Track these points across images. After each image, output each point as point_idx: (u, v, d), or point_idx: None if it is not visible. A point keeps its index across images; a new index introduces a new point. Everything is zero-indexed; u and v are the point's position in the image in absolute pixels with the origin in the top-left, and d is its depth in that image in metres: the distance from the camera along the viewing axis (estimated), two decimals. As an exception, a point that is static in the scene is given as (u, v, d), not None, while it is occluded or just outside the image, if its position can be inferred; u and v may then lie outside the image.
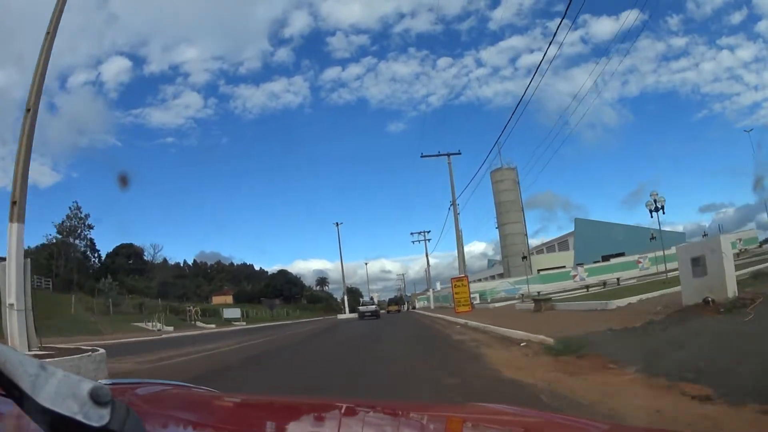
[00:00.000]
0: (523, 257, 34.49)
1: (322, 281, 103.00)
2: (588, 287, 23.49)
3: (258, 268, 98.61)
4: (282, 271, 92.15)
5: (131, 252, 75.34)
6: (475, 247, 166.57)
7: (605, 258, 46.37)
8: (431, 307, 52.82)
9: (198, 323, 38.89)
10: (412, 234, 56.64)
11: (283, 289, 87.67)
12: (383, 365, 7.84)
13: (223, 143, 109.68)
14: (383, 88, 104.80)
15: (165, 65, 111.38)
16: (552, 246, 59.37)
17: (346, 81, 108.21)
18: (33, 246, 57.59)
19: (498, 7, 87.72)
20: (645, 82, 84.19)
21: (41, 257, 57.52)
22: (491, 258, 77.98)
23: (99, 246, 68.84)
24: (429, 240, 55.81)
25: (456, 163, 26.51)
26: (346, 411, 1.29)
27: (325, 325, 30.28)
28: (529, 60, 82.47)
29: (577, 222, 51.78)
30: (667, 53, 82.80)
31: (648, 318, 9.00)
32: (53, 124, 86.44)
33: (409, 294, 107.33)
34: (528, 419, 1.20)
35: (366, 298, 69.52)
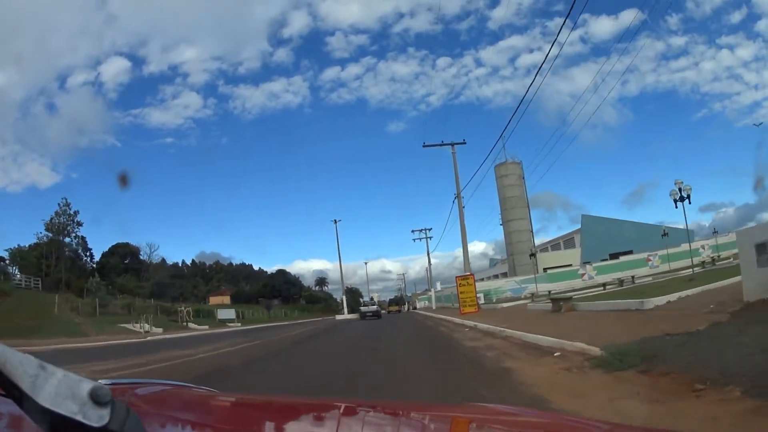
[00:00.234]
0: (531, 254, 32.79)
1: (321, 281, 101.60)
2: (605, 285, 21.95)
3: (257, 268, 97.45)
4: (281, 271, 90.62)
5: (127, 251, 73.90)
6: (476, 247, 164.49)
7: (613, 256, 44.61)
8: (433, 308, 51.17)
9: (190, 325, 37.17)
10: (413, 231, 55.03)
11: (282, 290, 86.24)
12: (380, 391, 5.66)
13: (223, 143, 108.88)
14: (383, 87, 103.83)
15: (164, 65, 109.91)
16: (557, 244, 57.54)
17: (345, 81, 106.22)
18: (27, 246, 56.79)
19: (497, 7, 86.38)
20: (645, 81, 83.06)
21: (32, 256, 56.15)
22: (493, 257, 76.31)
23: (99, 246, 68.10)
24: (431, 238, 54.27)
25: (458, 158, 25.03)
26: (346, 411, 1.29)
27: (322, 327, 28.75)
28: (529, 59, 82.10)
29: (584, 219, 49.85)
30: (667, 52, 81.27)
31: (706, 318, 7.41)
32: (53, 124, 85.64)
33: (410, 294, 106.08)
34: (528, 419, 1.21)
35: (366, 298, 69.15)
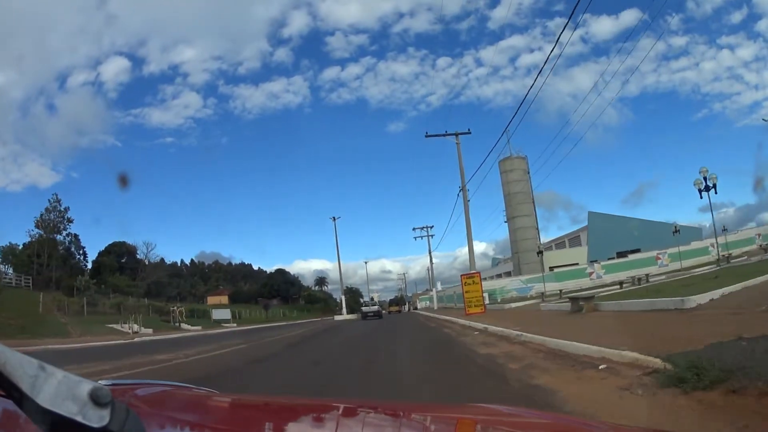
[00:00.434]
0: (539, 251, 31.42)
1: (320, 281, 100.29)
2: (621, 284, 20.67)
3: (257, 267, 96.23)
4: (280, 271, 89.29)
5: (123, 250, 72.57)
6: (476, 247, 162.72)
7: (620, 254, 43.18)
8: (434, 308, 49.85)
9: (183, 325, 35.86)
10: (414, 229, 53.60)
11: (281, 289, 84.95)
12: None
13: (223, 143, 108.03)
14: (383, 87, 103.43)
15: (164, 65, 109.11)
16: (562, 242, 56.11)
17: (345, 81, 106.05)
18: (21, 244, 55.56)
19: (497, 6, 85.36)
20: (645, 81, 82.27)
21: (24, 254, 54.91)
22: (495, 257, 74.92)
23: (99, 246, 67.10)
24: (432, 236, 52.92)
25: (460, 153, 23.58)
26: (346, 411, 1.29)
27: (320, 328, 27.43)
28: (530, 59, 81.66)
29: (591, 216, 48.31)
30: (667, 52, 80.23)
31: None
32: (53, 124, 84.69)
33: (410, 294, 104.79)
34: (528, 419, 1.20)
35: (366, 298, 68.58)
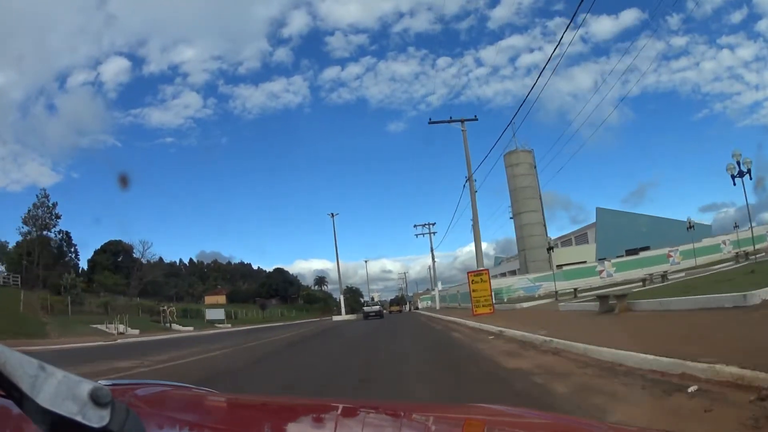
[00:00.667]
0: (549, 247, 29.84)
1: (320, 281, 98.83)
2: (644, 281, 19.20)
3: (256, 267, 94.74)
4: (279, 271, 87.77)
5: (119, 249, 71.09)
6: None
7: (629, 252, 41.52)
8: (437, 308, 48.30)
9: (174, 326, 34.33)
10: (415, 226, 52.01)
11: (280, 289, 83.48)
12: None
13: (223, 143, 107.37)
14: (383, 87, 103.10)
15: (164, 65, 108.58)
16: (568, 240, 54.49)
17: (345, 80, 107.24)
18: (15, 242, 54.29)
19: (497, 6, 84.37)
20: (645, 81, 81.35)
21: (15, 253, 53.57)
22: (497, 256, 73.33)
23: (98, 245, 65.93)
24: (435, 233, 51.38)
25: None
26: (346, 412, 1.28)
27: (315, 330, 25.82)
28: (530, 59, 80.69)
29: (599, 212, 46.60)
30: (668, 52, 79.15)
31: None
32: (53, 124, 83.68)
33: (411, 294, 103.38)
34: (528, 420, 1.20)
35: (366, 298, 67.92)
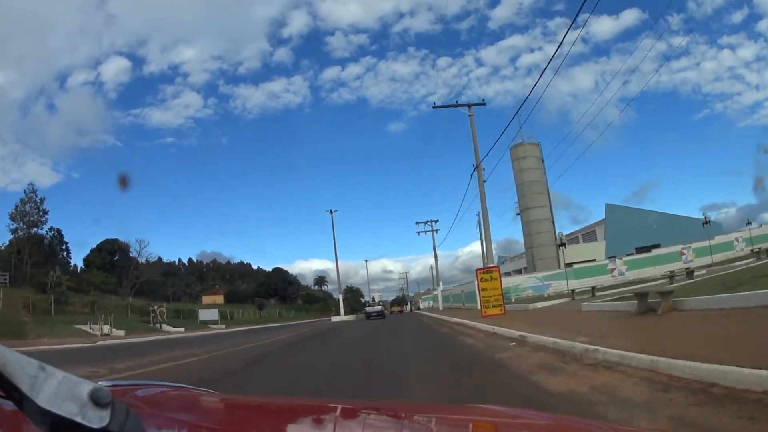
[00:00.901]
0: (561, 244, 28.29)
1: (320, 281, 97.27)
2: (671, 277, 17.69)
3: (255, 267, 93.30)
4: (278, 270, 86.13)
5: (115, 248, 69.54)
6: (477, 247, 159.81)
7: (639, 249, 39.89)
8: (439, 308, 46.66)
9: (165, 326, 32.75)
10: (417, 224, 50.35)
11: (278, 289, 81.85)
12: None
13: (223, 143, 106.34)
14: (383, 87, 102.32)
15: (164, 65, 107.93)
16: (575, 238, 52.84)
17: (345, 80, 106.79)
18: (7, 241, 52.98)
19: (498, 6, 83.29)
20: (646, 81, 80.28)
21: (6, 251, 52.20)
22: (500, 255, 71.69)
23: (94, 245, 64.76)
24: (437, 231, 49.73)
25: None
26: (346, 412, 1.28)
27: (311, 332, 24.10)
28: (530, 59, 79.58)
29: (608, 208, 44.98)
30: (668, 52, 78.07)
31: None
32: (53, 124, 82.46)
33: (412, 294, 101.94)
34: (528, 420, 1.19)
35: (366, 298, 66.86)
